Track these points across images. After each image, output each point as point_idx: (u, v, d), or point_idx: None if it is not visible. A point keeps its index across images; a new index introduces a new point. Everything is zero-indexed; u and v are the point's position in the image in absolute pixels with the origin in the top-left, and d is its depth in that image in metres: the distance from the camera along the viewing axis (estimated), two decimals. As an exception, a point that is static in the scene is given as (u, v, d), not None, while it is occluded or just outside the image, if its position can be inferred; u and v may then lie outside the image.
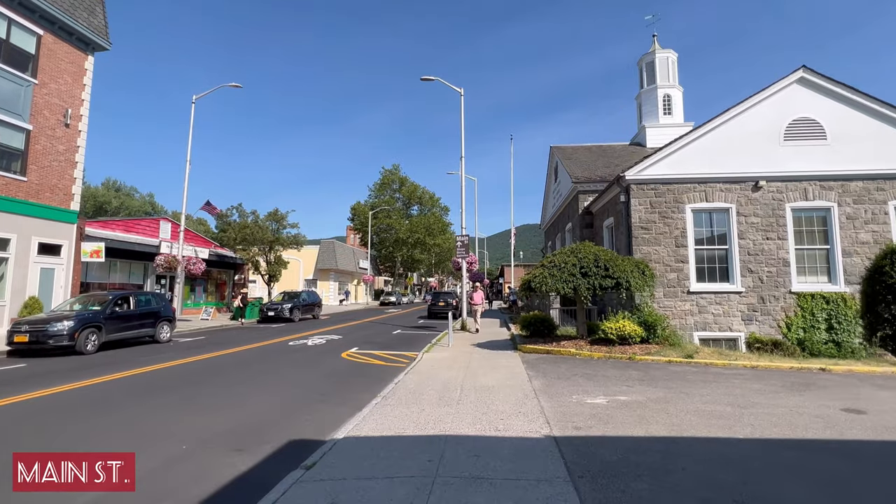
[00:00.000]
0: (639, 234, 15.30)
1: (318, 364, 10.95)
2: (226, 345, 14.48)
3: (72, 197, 18.11)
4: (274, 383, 8.65)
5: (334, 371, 10.03)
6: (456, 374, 8.74)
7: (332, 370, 10.14)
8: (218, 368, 10.33)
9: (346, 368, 10.38)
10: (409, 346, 14.20)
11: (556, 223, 28.75)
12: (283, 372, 9.92)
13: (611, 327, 10.68)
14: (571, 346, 11.10)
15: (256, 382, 8.70)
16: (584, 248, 11.36)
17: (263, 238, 26.08)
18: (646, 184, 15.51)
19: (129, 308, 13.88)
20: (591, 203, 20.95)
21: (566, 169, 23.36)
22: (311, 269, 47.99)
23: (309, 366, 10.73)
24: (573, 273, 10.79)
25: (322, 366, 10.72)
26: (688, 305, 14.96)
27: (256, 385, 8.45)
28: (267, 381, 8.81)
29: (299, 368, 10.39)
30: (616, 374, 8.36)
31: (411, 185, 62.76)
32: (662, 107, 27.03)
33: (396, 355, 12.23)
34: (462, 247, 18.49)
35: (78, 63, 18.41)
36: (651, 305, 11.77)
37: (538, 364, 9.70)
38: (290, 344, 14.67)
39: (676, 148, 15.46)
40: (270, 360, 11.46)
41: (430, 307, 28.14)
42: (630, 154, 25.00)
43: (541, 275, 11.00)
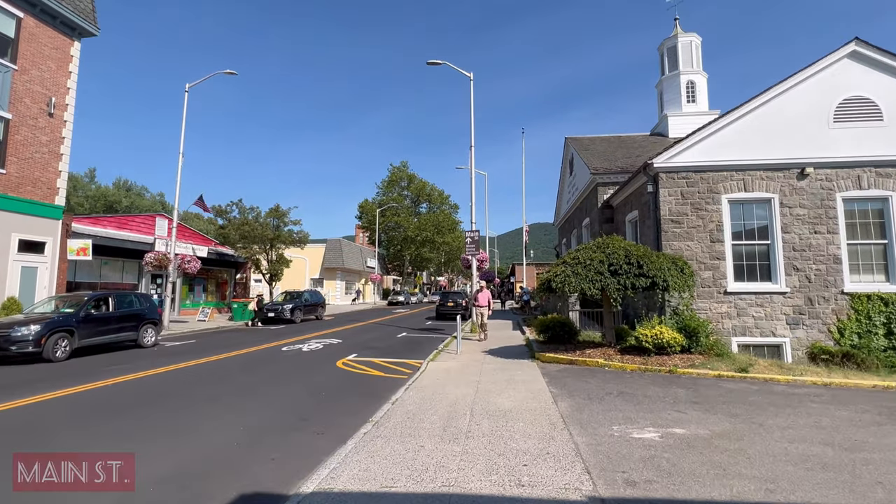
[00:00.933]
0: (669, 228, 13.75)
1: (308, 375, 9.62)
2: (214, 350, 13.24)
3: (56, 191, 17.02)
4: (250, 401, 7.33)
5: (324, 384, 8.68)
6: (465, 392, 7.34)
7: (321, 383, 8.80)
8: (192, 380, 9.05)
9: (339, 381, 9.03)
10: (414, 352, 12.83)
11: (572, 219, 27.19)
12: (264, 385, 8.60)
13: (645, 334, 9.19)
14: (599, 355, 9.63)
15: (229, 400, 7.38)
16: (613, 243, 9.88)
17: (263, 235, 24.89)
18: (676, 172, 13.95)
19: (107, 310, 12.69)
20: (611, 196, 19.40)
21: (583, 160, 21.82)
22: (317, 267, 46.91)
23: (297, 377, 9.41)
24: (600, 271, 9.33)
25: (312, 377, 9.39)
26: (724, 308, 13.38)
27: (228, 403, 7.13)
28: (242, 398, 7.49)
29: (285, 381, 9.06)
30: (659, 394, 6.89)
31: (420, 182, 61.44)
32: (686, 94, 25.31)
33: (398, 364, 10.87)
34: (472, 243, 17.07)
35: (63, 49, 17.31)
36: (692, 308, 10.25)
37: (562, 378, 8.26)
38: (283, 350, 13.38)
39: (710, 132, 13.87)
40: (255, 370, 10.16)
41: (439, 308, 26.76)
42: (652, 144, 23.38)
43: (563, 273, 9.54)
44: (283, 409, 6.80)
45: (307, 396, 7.69)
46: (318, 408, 6.95)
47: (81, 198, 70.18)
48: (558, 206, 32.79)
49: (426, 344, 14.64)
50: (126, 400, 7.30)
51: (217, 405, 7.03)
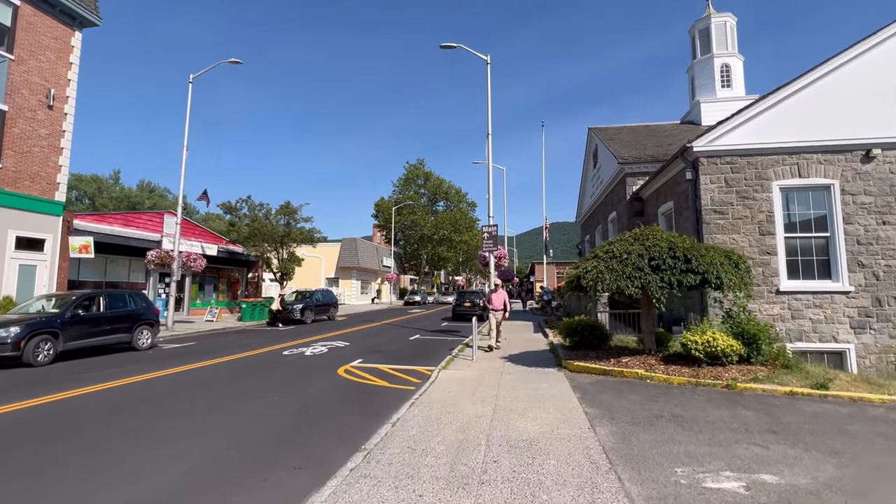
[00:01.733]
0: (711, 219, 12.25)
1: (303, 384, 8.51)
2: (212, 354, 12.30)
3: (56, 186, 16.38)
4: (227, 419, 6.23)
5: (318, 397, 7.55)
6: (480, 410, 6.10)
7: (316, 395, 7.67)
8: (172, 390, 8.03)
9: (336, 393, 7.89)
10: (425, 357, 11.63)
11: (596, 214, 25.64)
12: (250, 398, 7.51)
13: (695, 341, 7.77)
14: (638, 364, 8.26)
15: (201, 418, 6.30)
16: (653, 234, 8.50)
17: (273, 233, 24.05)
18: (719, 156, 12.42)
19: (97, 310, 11.85)
20: (640, 187, 17.87)
21: (609, 150, 20.30)
22: (332, 267, 46.22)
23: (290, 387, 8.30)
24: (639, 266, 7.96)
25: (307, 387, 8.27)
26: (777, 309, 11.82)
27: (199, 423, 6.05)
28: (219, 416, 6.40)
29: (276, 392, 7.96)
30: (724, 418, 5.53)
31: (436, 179, 60.29)
32: (720, 78, 23.51)
33: (407, 371, 9.69)
34: (489, 238, 15.78)
35: (63, 39, 16.67)
36: (748, 310, 8.79)
37: (596, 393, 6.94)
38: (283, 353, 12.35)
39: (758, 111, 12.30)
40: (246, 378, 9.11)
41: (455, 308, 25.55)
42: (683, 133, 21.71)
43: (594, 269, 8.20)
44: (262, 432, 5.67)
45: (295, 414, 6.56)
46: (303, 429, 5.80)
47: (106, 199, 71.35)
48: (581, 202, 31.20)
49: (440, 348, 13.44)
50: (83, 416, 6.28)
51: (186, 424, 5.95)
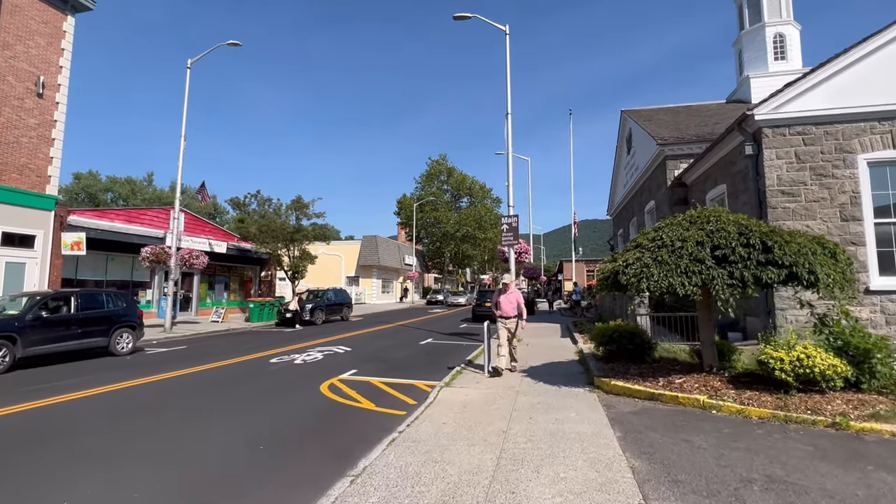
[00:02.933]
0: (777, 202, 10.04)
1: (273, 405, 6.93)
2: (194, 361, 10.96)
3: (47, 180, 15.47)
4: (150, 454, 4.67)
5: (280, 425, 5.92)
6: (478, 461, 4.32)
7: (278, 422, 6.06)
8: (121, 407, 6.58)
9: (305, 419, 6.26)
10: (432, 367, 9.91)
11: (630, 205, 23.32)
12: (198, 422, 5.96)
13: (780, 358, 5.73)
14: (696, 386, 6.27)
15: (112, 456, 4.76)
16: (717, 215, 6.50)
17: (283, 229, 22.83)
18: (788, 125, 10.19)
19: (68, 312, 10.66)
20: (683, 172, 15.61)
21: (646, 131, 18.04)
22: (353, 265, 45.10)
23: (255, 408, 6.73)
24: (698, 258, 5.99)
25: (275, 409, 6.68)
26: (865, 313, 9.52)
27: (99, 465, 4.50)
28: (142, 449, 4.85)
29: (237, 413, 6.41)
30: (856, 490, 3.57)
31: (459, 175, 58.46)
32: (773, 50, 20.83)
33: (403, 388, 7.99)
34: (508, 230, 13.92)
35: (54, 24, 15.75)
36: (851, 317, 6.66)
37: (644, 430, 5.05)
38: (271, 361, 10.86)
39: (840, 67, 9.99)
40: (213, 394, 7.60)
41: (475, 309, 23.72)
42: (730, 112, 19.20)
43: (637, 262, 6.28)
44: (182, 480, 4.07)
45: (239, 449, 4.96)
46: (236, 478, 4.18)
47: (139, 200, 72.90)
48: (612, 194, 28.82)
49: (451, 355, 11.70)
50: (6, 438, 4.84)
51: (80, 467, 4.41)
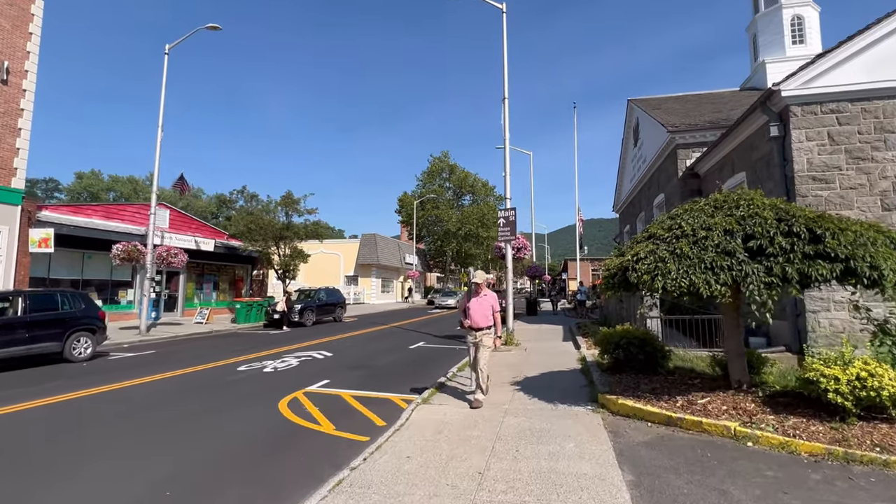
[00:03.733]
0: (808, 190, 8.82)
1: (218, 424, 5.83)
2: (156, 367, 9.92)
3: (13, 172, 14.48)
4: (39, 489, 3.59)
5: (210, 459, 4.82)
6: (440, 520, 3.19)
7: (213, 450, 4.96)
8: (33, 431, 5.50)
9: (245, 449, 5.15)
10: (412, 379, 8.78)
11: (638, 200, 22.07)
12: (119, 446, 4.88)
13: (835, 376, 4.53)
14: (723, 408, 5.10)
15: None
16: (749, 199, 5.33)
17: (271, 227, 21.76)
18: (820, 103, 8.96)
19: (14, 314, 9.63)
20: (696, 161, 14.39)
21: (656, 119, 16.81)
22: (351, 264, 44.06)
23: (195, 429, 5.64)
24: (727, 250, 4.83)
25: (216, 431, 5.58)
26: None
27: None
28: (29, 483, 3.77)
29: (168, 435, 5.32)
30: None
31: (462, 172, 57.19)
32: (791, 33, 19.52)
33: (374, 403, 6.87)
34: (505, 224, 12.75)
35: (20, 6, 14.76)
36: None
37: (662, 473, 3.90)
38: (239, 369, 9.77)
39: (879, 36, 8.74)
40: (153, 411, 6.51)
41: (474, 309, 22.51)
42: (745, 99, 17.92)
43: (651, 256, 5.13)
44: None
45: (145, 490, 3.86)
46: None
47: (141, 200, 72.39)
48: (618, 189, 27.56)
49: (440, 362, 10.58)
50: None
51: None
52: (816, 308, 8.56)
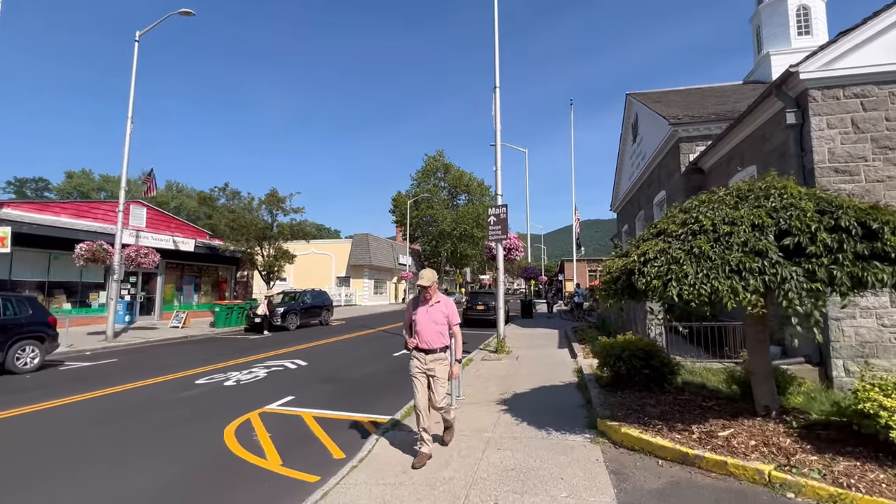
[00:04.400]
0: (829, 183, 7.91)
1: (132, 463, 4.85)
2: (113, 379, 8.97)
3: (-33, 166, 13.40)
4: None
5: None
6: None
7: (109, 500, 3.99)
8: None
9: (164, 491, 4.18)
10: (389, 394, 7.81)
11: (637, 198, 21.18)
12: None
13: (893, 407, 3.62)
14: (752, 443, 4.16)
15: None
16: (782, 188, 4.41)
17: (254, 226, 20.75)
18: (842, 86, 8.07)
19: (-55, 321, 8.63)
20: (700, 155, 13.48)
21: (656, 113, 15.91)
22: (343, 265, 43.05)
23: (104, 465, 4.67)
24: (757, 249, 3.91)
25: (129, 472, 4.61)
26: (948, 325, 7.41)
27: None
28: None
29: (70, 477, 4.34)
30: None
31: (457, 171, 56.26)
32: (797, 24, 18.69)
33: (340, 427, 5.92)
34: (496, 223, 11.81)
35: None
36: None
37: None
38: (197, 382, 8.79)
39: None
40: (61, 441, 5.53)
41: (467, 312, 21.57)
42: (750, 92, 17.07)
43: (662, 257, 4.21)
44: None
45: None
46: None
47: (129, 198, 71.15)
48: (616, 187, 26.68)
49: (422, 373, 9.62)
50: None
51: None
52: (840, 315, 7.66)
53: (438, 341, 4.56)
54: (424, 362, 4.56)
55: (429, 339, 4.53)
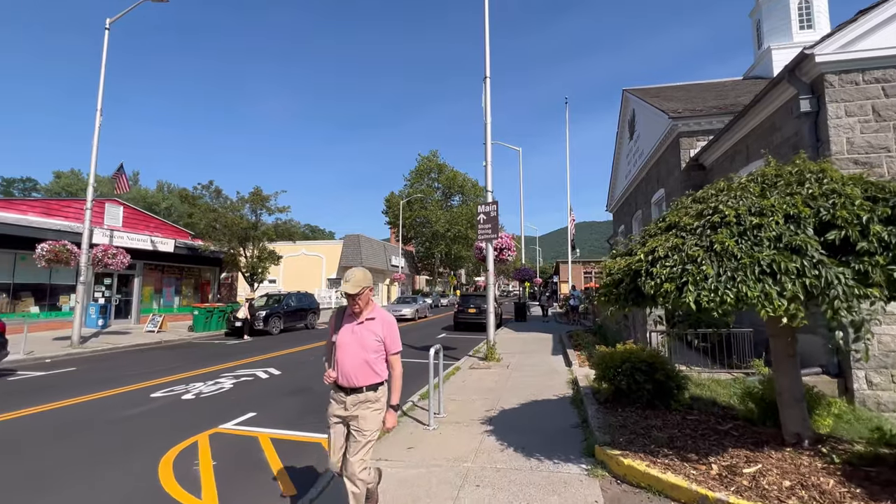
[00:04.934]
0: (849, 176, 7.21)
1: (58, 495, 4.04)
2: (60, 392, 8.12)
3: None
4: None
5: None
6: None
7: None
8: None
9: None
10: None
11: (634, 196, 20.49)
12: None
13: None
14: (786, 484, 3.41)
15: None
16: (820, 171, 3.67)
17: (236, 225, 19.88)
18: (862, 70, 7.38)
19: None
20: (701, 151, 12.79)
21: (655, 107, 15.22)
22: (334, 267, 42.16)
23: None
24: (794, 245, 3.16)
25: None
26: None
27: None
28: None
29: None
30: None
31: (451, 172, 55.53)
32: (798, 17, 18.11)
33: (300, 451, 5.11)
34: (486, 221, 11.04)
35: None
36: None
37: None
38: (153, 395, 7.95)
39: (937, -12, 7.19)
40: (11, 459, 4.71)
41: (458, 315, 20.83)
42: (751, 87, 16.45)
43: (674, 256, 3.46)
44: None
45: None
46: None
47: (123, 201, 70.09)
48: (612, 187, 26.00)
49: (405, 383, 8.82)
50: None
51: None
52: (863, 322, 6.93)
53: (366, 376, 3.10)
54: (345, 406, 3.11)
55: (352, 373, 3.08)
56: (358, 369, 3.09)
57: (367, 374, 3.11)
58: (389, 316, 3.29)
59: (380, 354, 3.17)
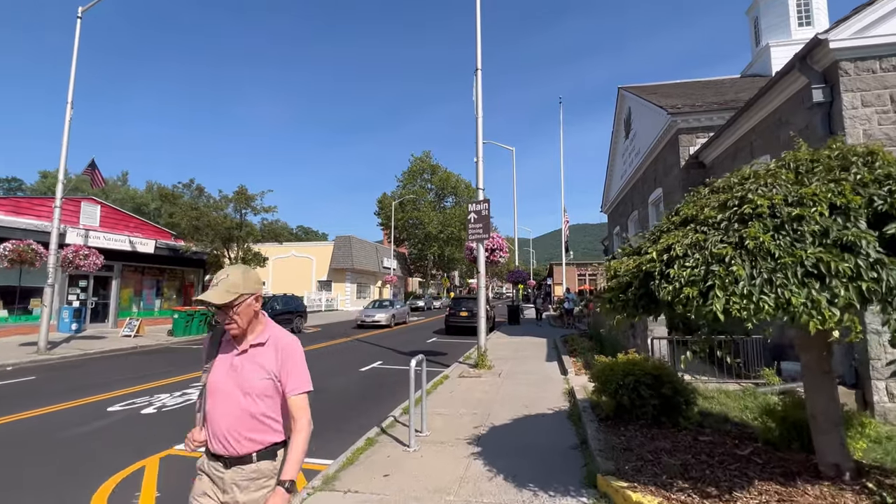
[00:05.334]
0: (866, 170, 6.68)
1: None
2: (12, 403, 7.37)
3: None
4: None
5: None
6: None
7: None
8: None
9: None
10: (340, 425, 6.37)
11: (630, 197, 19.99)
12: None
13: None
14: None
15: None
16: (870, 154, 3.09)
17: (219, 225, 19.13)
18: (879, 57, 6.86)
19: None
20: (701, 148, 12.27)
21: (652, 104, 14.71)
22: (325, 269, 41.38)
23: None
24: (845, 242, 2.56)
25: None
26: None
27: None
28: None
29: None
30: None
31: (444, 172, 54.93)
32: (797, 13, 17.72)
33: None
34: (477, 220, 10.44)
35: None
36: None
37: None
38: (109, 409, 7.25)
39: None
40: None
41: (449, 319, 20.20)
42: (750, 84, 16.00)
43: (695, 255, 2.86)
44: None
45: None
46: None
47: (111, 201, 68.88)
48: (607, 187, 25.52)
49: (390, 393, 8.18)
50: None
51: None
52: (881, 328, 6.40)
53: (254, 437, 1.88)
54: (221, 484, 1.88)
55: (230, 433, 1.86)
56: (240, 426, 1.86)
57: (256, 432, 1.87)
58: (289, 337, 2.03)
59: (272, 400, 1.91)
